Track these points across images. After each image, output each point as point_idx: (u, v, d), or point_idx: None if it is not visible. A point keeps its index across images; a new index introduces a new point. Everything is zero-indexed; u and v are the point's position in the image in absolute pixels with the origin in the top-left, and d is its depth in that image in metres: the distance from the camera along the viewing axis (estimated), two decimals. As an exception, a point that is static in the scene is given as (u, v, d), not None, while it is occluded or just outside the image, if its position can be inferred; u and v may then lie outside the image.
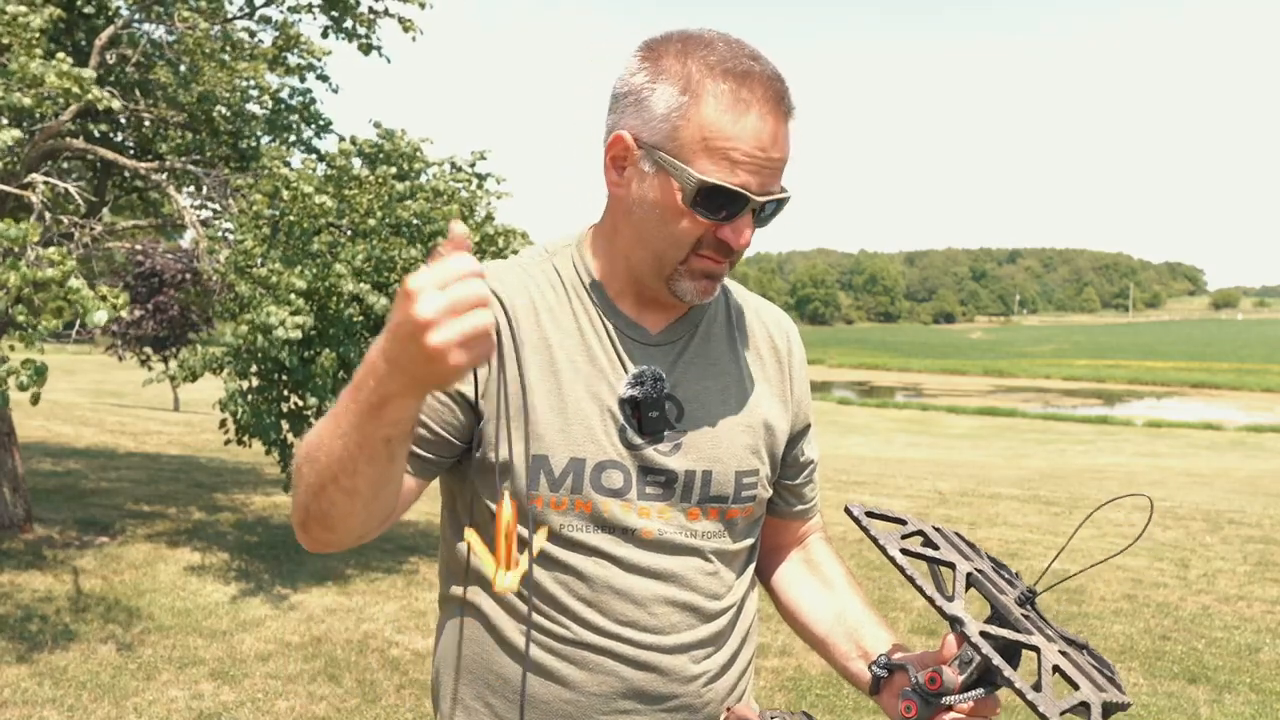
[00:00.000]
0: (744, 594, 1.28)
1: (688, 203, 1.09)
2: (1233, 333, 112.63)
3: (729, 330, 1.27)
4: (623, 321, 1.20)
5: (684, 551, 1.20)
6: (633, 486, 1.17)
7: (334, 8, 6.75)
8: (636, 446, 1.17)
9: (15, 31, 4.82)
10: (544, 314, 1.19)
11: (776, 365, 1.30)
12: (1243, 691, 4.47)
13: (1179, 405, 42.53)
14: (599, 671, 1.17)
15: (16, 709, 3.85)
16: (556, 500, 1.15)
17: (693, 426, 1.20)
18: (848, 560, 5.57)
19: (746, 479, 1.23)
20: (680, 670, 1.19)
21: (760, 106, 1.08)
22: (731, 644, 1.26)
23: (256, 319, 5.14)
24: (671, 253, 1.14)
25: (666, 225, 1.12)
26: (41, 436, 12.07)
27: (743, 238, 1.11)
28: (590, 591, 1.17)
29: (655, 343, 1.21)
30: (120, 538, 6.65)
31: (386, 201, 5.81)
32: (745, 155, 1.08)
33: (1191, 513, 9.55)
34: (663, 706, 1.20)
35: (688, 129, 1.09)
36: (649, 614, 1.18)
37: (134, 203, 8.68)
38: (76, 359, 36.08)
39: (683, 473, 1.18)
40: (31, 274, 4.06)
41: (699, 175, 1.08)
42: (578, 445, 1.15)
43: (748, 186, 1.09)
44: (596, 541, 1.16)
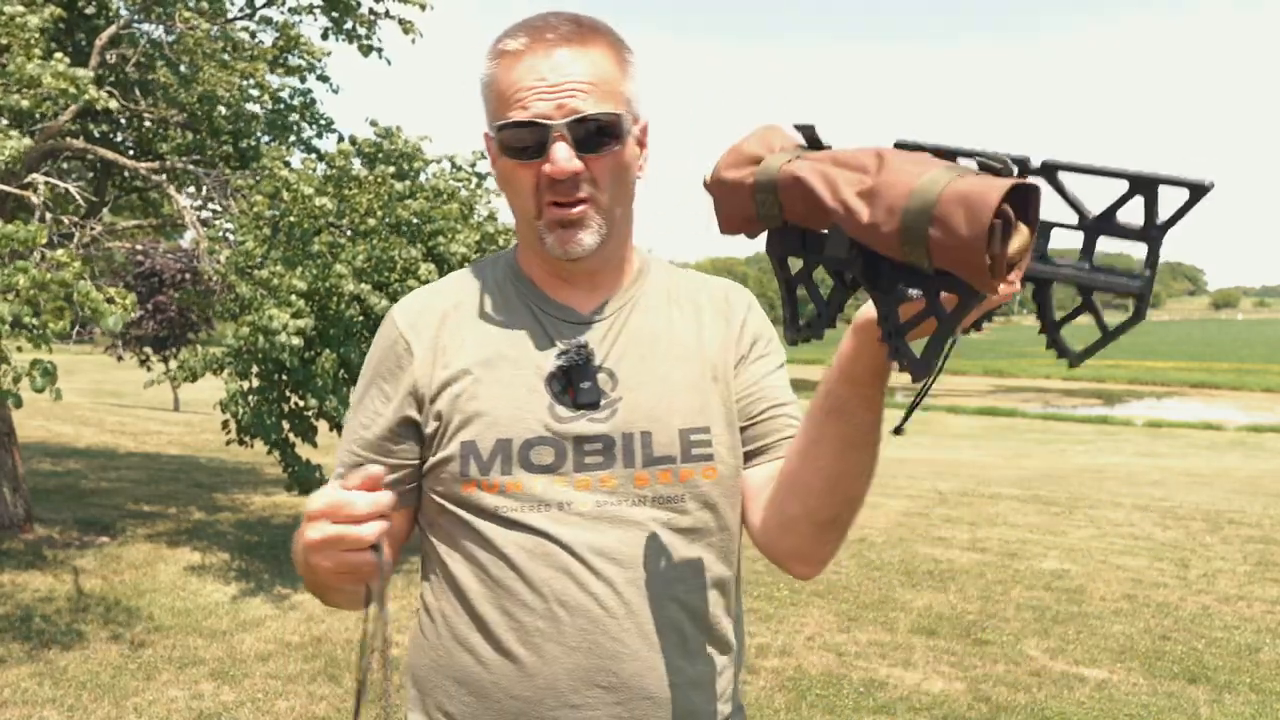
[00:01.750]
0: (716, 575, 1.21)
1: (501, 153, 1.15)
2: (1233, 333, 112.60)
3: (668, 301, 1.27)
4: (551, 306, 1.23)
5: (631, 524, 1.16)
6: (567, 459, 1.16)
7: (334, 9, 6.75)
8: (568, 419, 1.17)
9: (13, 32, 4.82)
10: (471, 310, 1.23)
11: (724, 322, 1.28)
12: (1243, 691, 4.47)
13: (1179, 405, 42.52)
14: (552, 654, 1.14)
15: (16, 709, 3.85)
16: (489, 483, 1.16)
17: (629, 393, 1.19)
18: (848, 559, 5.53)
19: (694, 436, 1.19)
20: (636, 658, 1.15)
21: (533, 44, 1.13)
22: (699, 635, 1.20)
23: (257, 320, 5.15)
24: (525, 209, 1.17)
25: (509, 186, 1.18)
26: (41, 436, 12.07)
27: (558, 165, 1.11)
28: (533, 572, 1.15)
29: (586, 320, 1.22)
30: (120, 538, 6.65)
31: (386, 201, 5.81)
32: (528, 90, 1.12)
33: (1191, 513, 9.54)
34: (621, 694, 1.15)
35: (491, 96, 1.16)
36: (594, 592, 1.14)
37: (134, 203, 8.68)
38: (76, 359, 36.06)
39: (619, 435, 1.17)
40: (40, 276, 4.07)
41: (498, 122, 1.14)
42: (503, 426, 1.16)
43: (542, 115, 1.11)
44: (533, 520, 1.15)
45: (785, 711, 4.10)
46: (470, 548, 1.19)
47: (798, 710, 4.11)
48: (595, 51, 1.14)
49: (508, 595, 1.16)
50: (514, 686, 1.16)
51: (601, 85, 1.13)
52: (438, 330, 1.21)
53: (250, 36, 7.17)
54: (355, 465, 1.21)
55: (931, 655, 4.84)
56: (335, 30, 6.87)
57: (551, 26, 1.14)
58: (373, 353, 1.27)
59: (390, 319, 1.25)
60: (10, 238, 4.08)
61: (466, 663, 1.19)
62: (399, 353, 1.22)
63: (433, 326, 1.22)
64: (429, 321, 1.22)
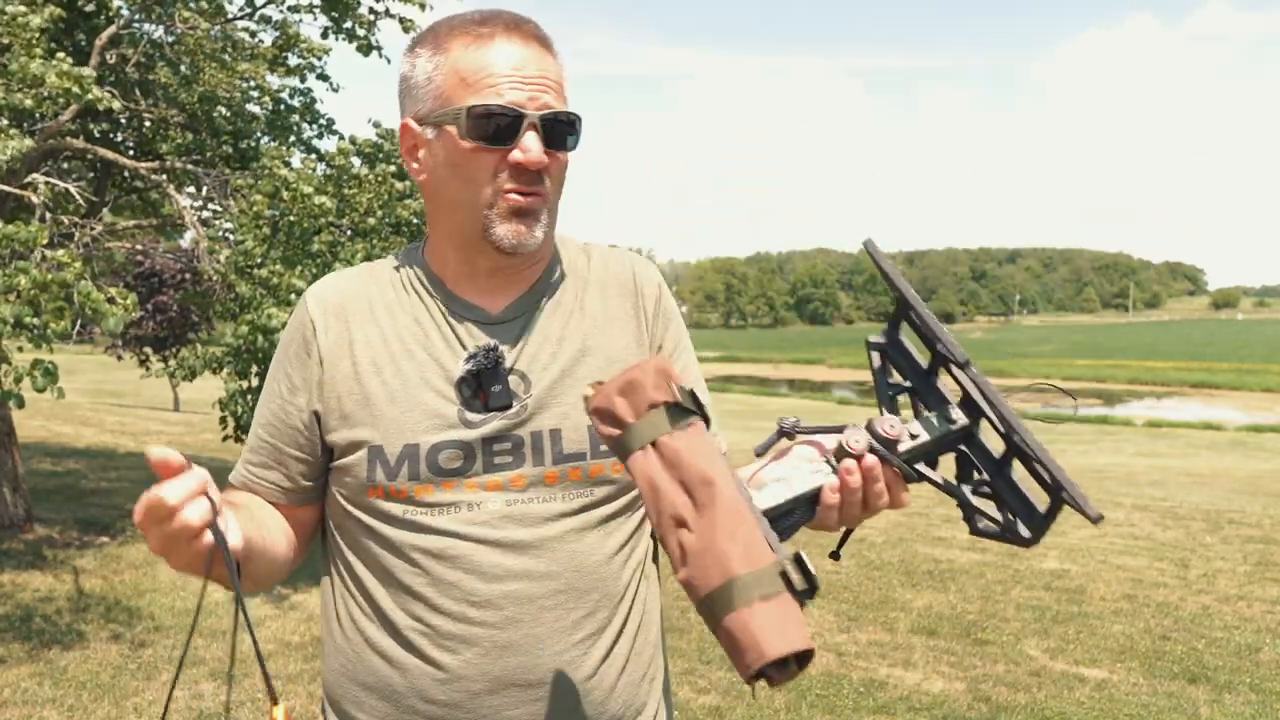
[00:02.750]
0: (633, 570, 1.22)
1: (465, 135, 1.11)
2: (1233, 333, 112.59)
3: (575, 292, 1.25)
4: (460, 306, 1.20)
5: (543, 520, 1.15)
6: (476, 461, 1.15)
7: (334, 8, 6.74)
8: (477, 423, 1.15)
9: (15, 31, 4.82)
10: (380, 311, 1.20)
11: (631, 310, 1.26)
12: (1243, 691, 4.47)
13: (1179, 405, 42.54)
14: (468, 658, 1.13)
15: (16, 709, 3.85)
16: (396, 488, 1.14)
17: (539, 392, 1.18)
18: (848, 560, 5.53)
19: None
20: (555, 654, 1.14)
21: (503, 34, 1.13)
22: (615, 627, 1.19)
23: (257, 319, 5.15)
24: (476, 197, 1.14)
25: (461, 171, 1.14)
26: (41, 436, 12.07)
27: (532, 154, 1.10)
28: (444, 573, 1.14)
29: (496, 321, 1.20)
30: (120, 538, 6.65)
31: (386, 200, 5.81)
32: (502, 76, 1.11)
33: (1191, 513, 9.54)
34: (539, 690, 1.14)
35: (446, 80, 1.13)
36: (507, 590, 1.13)
37: (134, 203, 8.68)
38: (76, 359, 36.07)
39: (529, 435, 1.16)
40: (42, 276, 4.07)
41: (465, 104, 1.11)
42: (410, 431, 1.15)
43: (516, 103, 1.11)
44: (441, 523, 1.14)
45: (785, 712, 4.10)
46: (378, 552, 1.17)
47: (798, 710, 4.12)
48: (552, 58, 1.16)
49: (417, 600, 1.15)
50: (429, 690, 1.14)
51: (562, 88, 1.16)
52: (345, 321, 1.20)
53: (250, 36, 7.17)
54: (262, 449, 1.22)
55: (931, 655, 4.84)
56: (335, 29, 6.87)
57: (519, 21, 1.15)
58: (285, 333, 1.25)
59: (303, 301, 1.24)
60: (11, 238, 4.09)
61: (377, 666, 1.17)
62: (306, 337, 1.21)
63: (340, 315, 1.20)
64: (336, 309, 1.21)
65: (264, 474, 1.22)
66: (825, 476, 0.97)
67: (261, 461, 1.23)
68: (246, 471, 1.24)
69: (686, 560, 0.87)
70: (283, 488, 1.22)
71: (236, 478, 1.25)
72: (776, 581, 0.84)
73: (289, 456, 1.21)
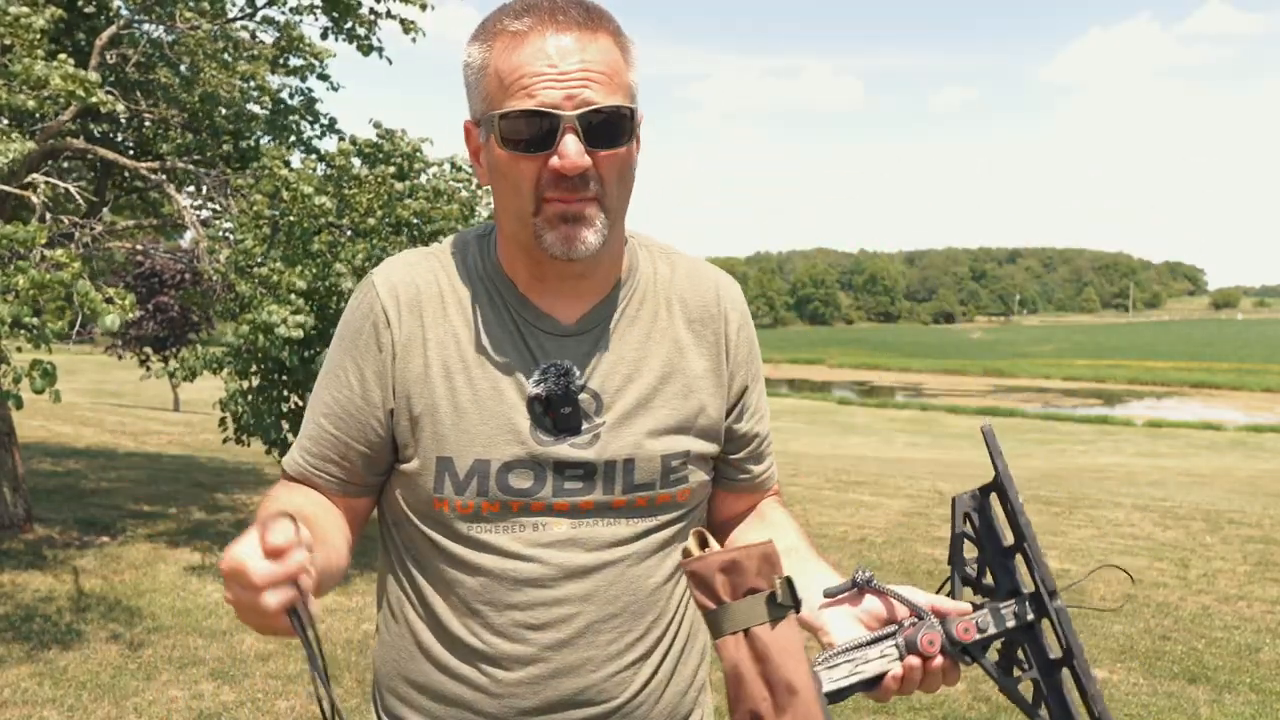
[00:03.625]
0: (683, 589, 1.21)
1: (501, 144, 1.06)
2: (1233, 333, 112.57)
3: (653, 307, 1.19)
4: (533, 314, 1.15)
5: (604, 544, 1.14)
6: (546, 484, 1.12)
7: (335, 9, 6.74)
8: (548, 443, 1.12)
9: (17, 33, 4.83)
10: (452, 306, 1.15)
11: (711, 336, 1.21)
12: (1243, 691, 4.47)
13: (1179, 405, 42.54)
14: (521, 676, 1.13)
15: (16, 709, 3.85)
16: (463, 504, 1.12)
17: (612, 416, 1.14)
18: (848, 560, 5.53)
19: (674, 461, 1.16)
20: (606, 676, 1.14)
21: (540, 26, 1.05)
22: (664, 646, 1.19)
23: (257, 319, 5.15)
24: (521, 206, 1.08)
25: (506, 179, 1.08)
26: (41, 436, 12.07)
27: (569, 159, 1.03)
28: (504, 594, 1.12)
29: (568, 333, 1.15)
30: (120, 538, 6.65)
31: (386, 201, 5.82)
32: (536, 76, 1.04)
33: (1191, 513, 9.54)
34: (586, 713, 1.14)
35: (489, 81, 1.07)
36: (565, 613, 1.13)
37: (134, 203, 8.68)
38: (77, 359, 36.08)
39: (602, 464, 1.13)
40: (40, 276, 4.07)
41: (499, 110, 1.05)
42: (482, 446, 1.11)
43: (552, 104, 1.03)
44: (505, 542, 1.12)
45: (785, 711, 4.10)
46: (437, 563, 1.15)
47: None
48: (603, 39, 1.07)
49: (475, 616, 1.14)
50: (478, 703, 1.14)
51: (615, 77, 1.07)
52: (419, 315, 1.14)
53: (251, 37, 7.17)
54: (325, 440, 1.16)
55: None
56: (335, 30, 6.87)
57: (559, 8, 1.06)
58: (349, 316, 1.18)
59: (370, 284, 1.17)
60: (10, 238, 4.08)
61: (429, 671, 1.17)
62: (377, 326, 1.14)
63: (414, 309, 1.14)
64: (410, 301, 1.14)
65: (325, 466, 1.17)
66: (891, 663, 1.01)
67: (323, 453, 1.17)
68: (305, 461, 1.18)
69: None
70: (343, 480, 1.17)
71: (293, 467, 1.19)
72: None
73: (355, 451, 1.16)
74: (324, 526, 1.11)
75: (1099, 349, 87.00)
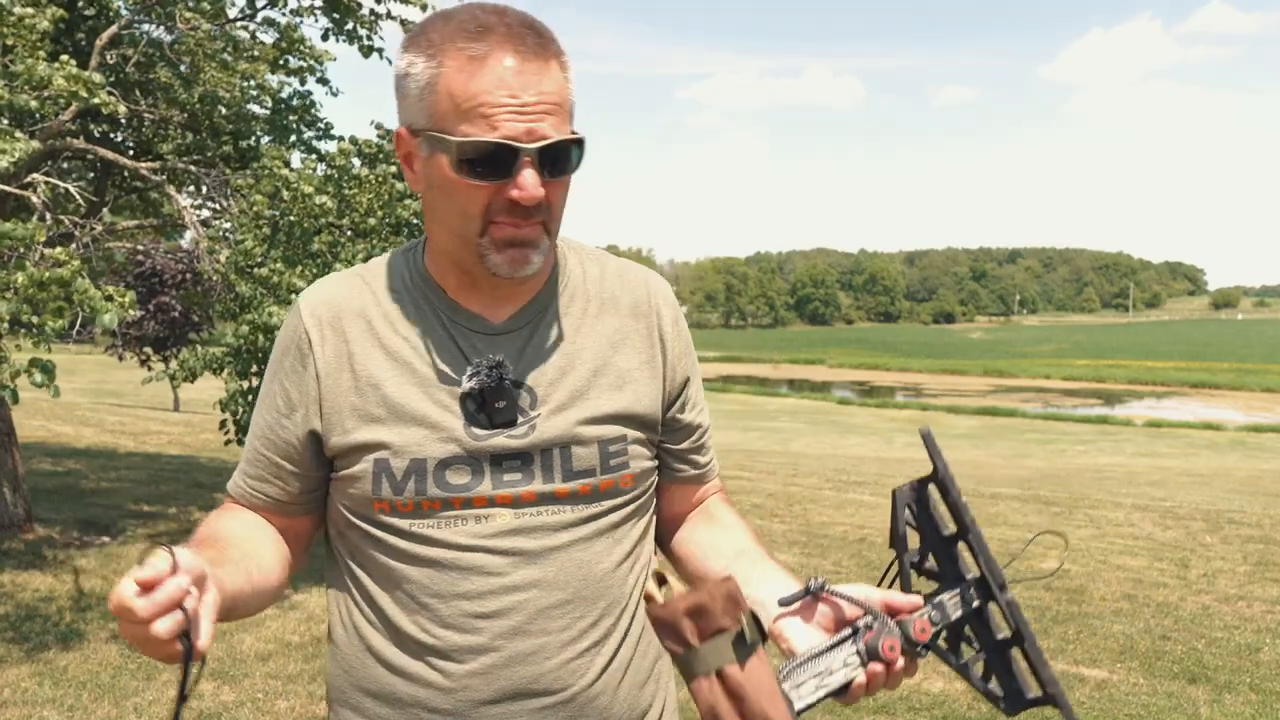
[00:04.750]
0: (637, 575, 1.23)
1: (456, 169, 1.07)
2: (1233, 333, 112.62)
3: (584, 306, 1.22)
4: (463, 316, 1.17)
5: (550, 530, 1.15)
6: (485, 478, 1.13)
7: (335, 10, 6.75)
8: (483, 439, 1.13)
9: (20, 33, 4.83)
10: (378, 321, 1.17)
11: (644, 330, 1.24)
12: (1243, 691, 4.47)
13: (1179, 405, 42.56)
14: (474, 668, 1.13)
15: (16, 709, 3.85)
16: (402, 503, 1.13)
17: (547, 409, 1.16)
18: (848, 560, 5.54)
19: (613, 447, 1.18)
20: (561, 664, 1.15)
21: (499, 53, 1.05)
22: (619, 634, 1.20)
23: (257, 319, 5.15)
24: (467, 227, 1.10)
25: (452, 200, 1.09)
26: (41, 436, 12.07)
27: (528, 191, 1.06)
28: (451, 584, 1.13)
29: (498, 331, 1.17)
30: (120, 538, 6.65)
31: (386, 201, 5.82)
32: (497, 107, 1.05)
33: (1191, 513, 9.55)
34: (543, 703, 1.15)
35: (439, 100, 1.07)
36: (515, 601, 1.13)
37: (134, 203, 8.68)
38: (77, 359, 36.08)
39: (538, 452, 1.15)
40: (39, 274, 4.07)
41: (457, 138, 1.06)
42: (418, 445, 1.13)
43: (513, 137, 1.05)
44: (448, 535, 1.13)
45: (785, 711, 4.10)
46: (383, 562, 1.16)
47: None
48: (554, 67, 1.09)
49: (423, 610, 1.14)
50: (432, 700, 1.14)
51: (564, 105, 1.09)
52: (341, 332, 1.17)
53: (251, 37, 7.18)
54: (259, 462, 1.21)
55: (932, 655, 4.84)
56: (336, 31, 6.87)
57: (516, 35, 1.07)
58: (279, 341, 1.22)
59: (295, 309, 1.20)
60: (8, 236, 4.09)
61: (380, 674, 1.17)
62: (302, 350, 1.18)
63: (336, 326, 1.17)
64: (332, 320, 1.17)
65: (261, 487, 1.21)
66: (855, 670, 1.05)
67: (258, 474, 1.21)
68: (244, 484, 1.23)
69: None
70: (279, 500, 1.21)
71: (234, 489, 1.24)
72: None
73: (286, 471, 1.20)
74: (249, 547, 1.14)
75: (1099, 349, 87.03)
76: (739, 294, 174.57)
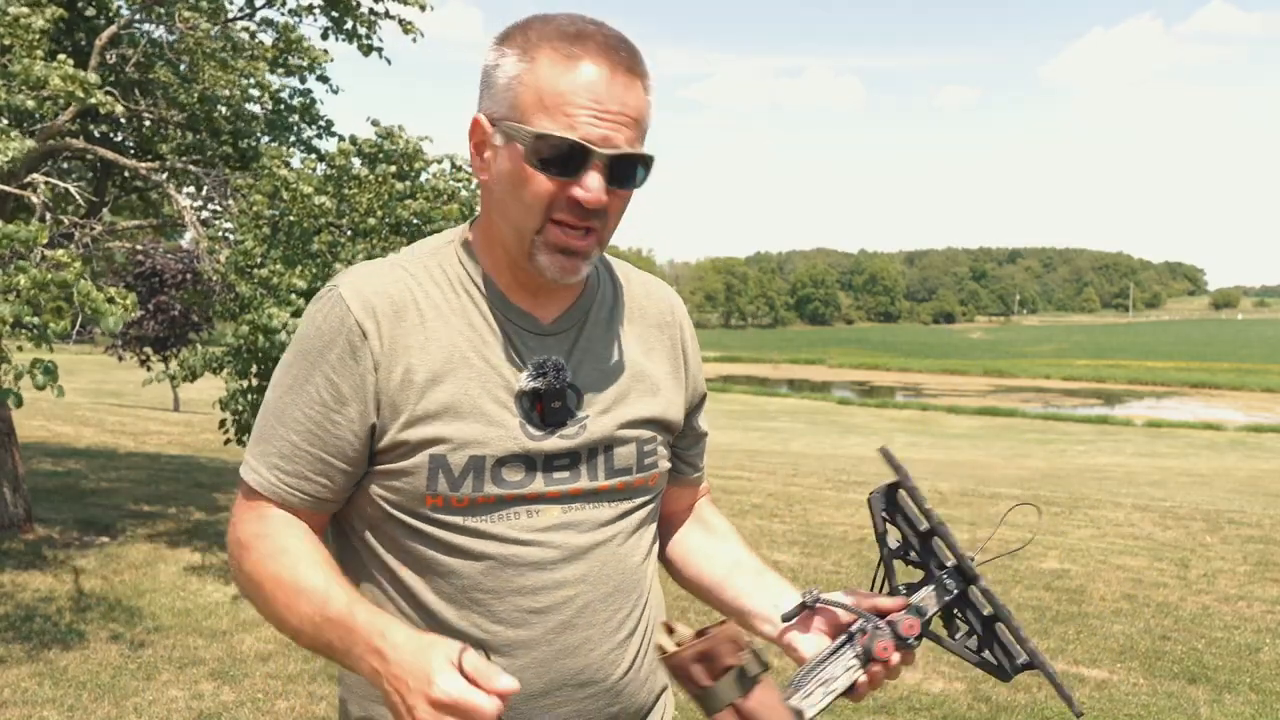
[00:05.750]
0: (652, 568, 1.30)
1: (528, 160, 1.09)
2: (1233, 333, 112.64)
3: (619, 313, 1.28)
4: (515, 313, 1.19)
5: (593, 526, 1.20)
6: (538, 475, 1.17)
7: (334, 9, 6.75)
8: (539, 438, 1.17)
9: (17, 33, 4.83)
10: (429, 313, 1.16)
11: (669, 342, 1.32)
12: (1243, 691, 4.47)
13: (1179, 405, 42.58)
14: (525, 662, 1.15)
15: (16, 709, 3.85)
16: (458, 499, 1.14)
17: (595, 409, 1.20)
18: (848, 560, 5.55)
19: (646, 448, 1.25)
20: (603, 655, 1.19)
21: (593, 60, 1.09)
22: (645, 623, 1.26)
23: (257, 319, 5.15)
24: (527, 221, 1.12)
25: (518, 191, 1.12)
26: (41, 436, 12.07)
27: (593, 194, 1.09)
28: (507, 579, 1.15)
29: (549, 332, 1.20)
30: (120, 538, 6.65)
31: (386, 201, 5.81)
32: (580, 108, 1.08)
33: (1191, 513, 9.55)
34: (590, 689, 1.19)
35: (525, 92, 1.10)
36: (564, 596, 1.17)
37: (134, 203, 8.68)
38: (77, 359, 36.08)
39: (585, 451, 1.19)
40: (41, 276, 4.07)
41: (535, 130, 1.09)
42: (477, 443, 1.14)
43: (589, 139, 1.08)
44: (502, 530, 1.15)
45: (785, 711, 4.10)
46: (429, 556, 1.16)
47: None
48: (640, 87, 1.12)
49: (474, 605, 1.15)
50: None
51: (641, 123, 1.12)
52: (395, 325, 1.14)
53: (250, 37, 7.17)
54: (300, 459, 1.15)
55: (932, 655, 4.84)
56: (335, 30, 6.87)
57: (611, 46, 1.10)
58: (316, 329, 1.16)
59: (339, 297, 1.15)
60: (11, 237, 4.09)
61: None
62: (354, 343, 1.13)
63: (391, 319, 1.14)
64: (386, 311, 1.15)
65: (300, 485, 1.16)
66: (856, 673, 1.17)
67: (297, 471, 1.15)
68: (278, 481, 1.16)
69: None
70: (319, 499, 1.17)
71: (265, 487, 1.16)
72: None
73: (335, 469, 1.15)
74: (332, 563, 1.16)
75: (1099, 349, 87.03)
76: (739, 294, 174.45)
